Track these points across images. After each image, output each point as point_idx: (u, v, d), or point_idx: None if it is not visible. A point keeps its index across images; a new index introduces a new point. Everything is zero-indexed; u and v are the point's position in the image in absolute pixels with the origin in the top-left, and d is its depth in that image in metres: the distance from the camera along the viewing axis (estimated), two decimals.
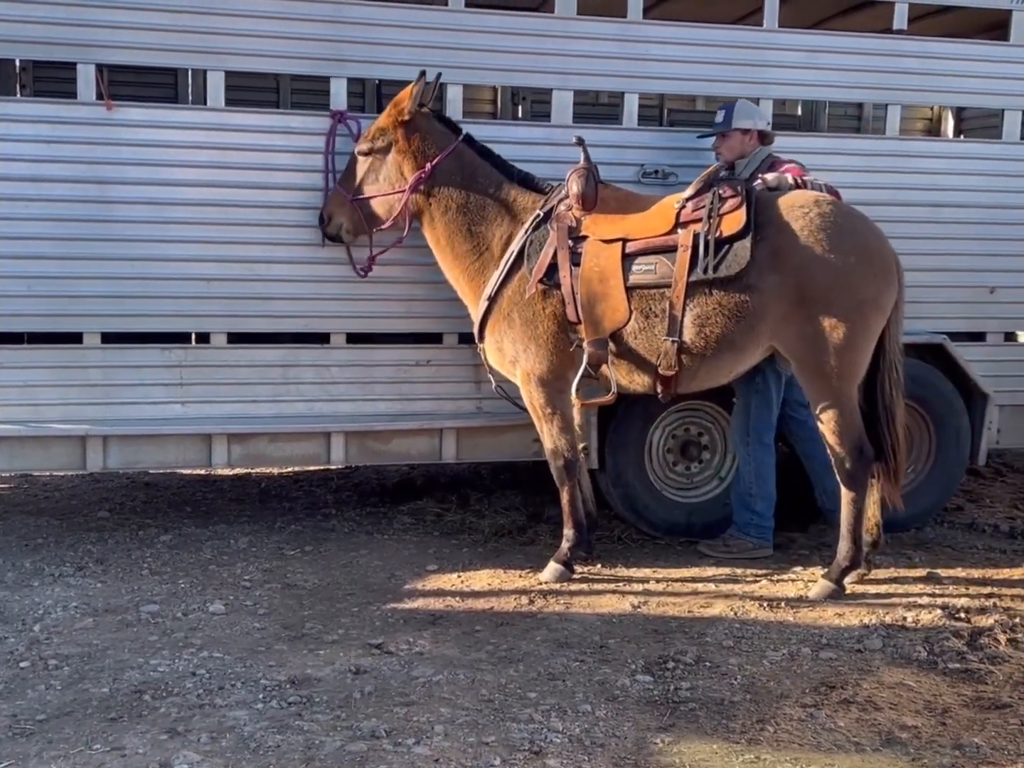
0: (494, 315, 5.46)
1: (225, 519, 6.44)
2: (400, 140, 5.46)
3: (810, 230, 5.10)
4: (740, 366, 5.36)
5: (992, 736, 3.86)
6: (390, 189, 5.53)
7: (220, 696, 4.06)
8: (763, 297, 5.11)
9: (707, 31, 6.10)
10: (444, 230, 5.54)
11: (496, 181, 5.51)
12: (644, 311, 5.23)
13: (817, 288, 5.07)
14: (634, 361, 5.32)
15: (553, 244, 5.30)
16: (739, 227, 5.09)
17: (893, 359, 5.29)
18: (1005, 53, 6.40)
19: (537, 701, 4.07)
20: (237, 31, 5.50)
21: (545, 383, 5.42)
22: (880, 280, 5.16)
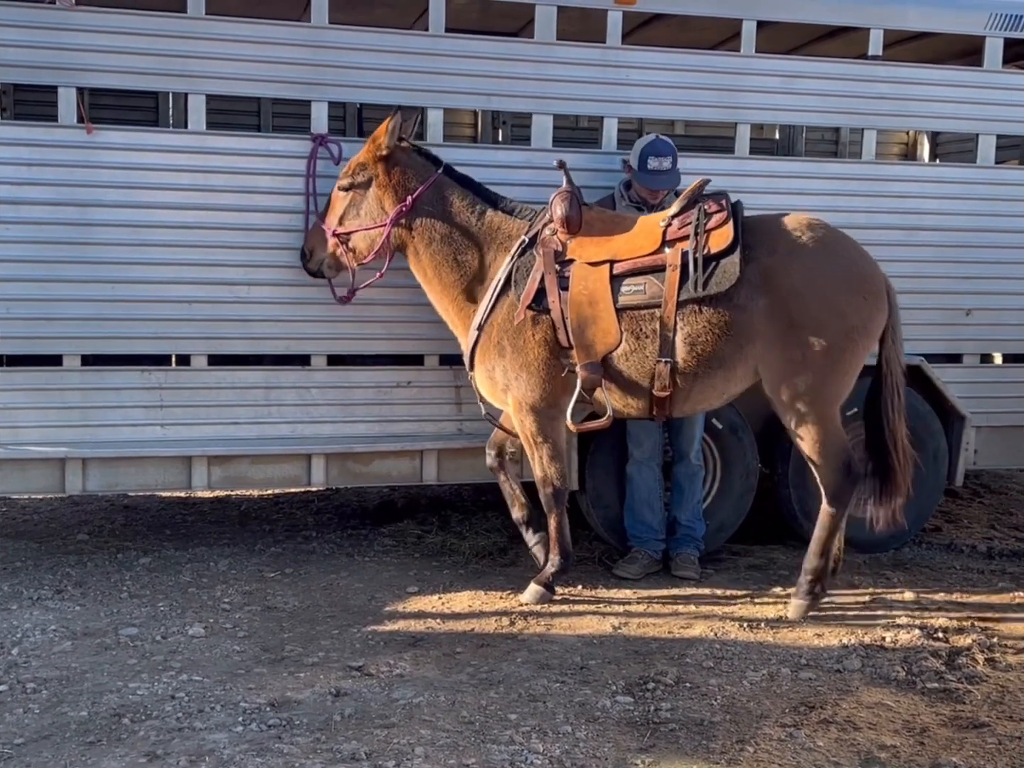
0: (483, 344, 5.41)
1: (205, 542, 6.41)
2: (380, 175, 5.45)
3: (800, 253, 5.09)
4: (732, 387, 5.29)
5: (970, 755, 3.89)
6: (371, 223, 5.50)
7: (199, 719, 4.05)
8: (752, 318, 5.08)
9: (686, 56, 6.16)
10: (430, 262, 5.51)
11: (479, 209, 5.48)
12: (635, 332, 5.19)
13: (806, 312, 5.04)
14: (627, 384, 5.26)
15: (540, 269, 5.25)
16: (727, 243, 5.06)
17: (895, 383, 5.27)
18: (979, 78, 6.47)
19: (518, 723, 4.07)
20: (217, 55, 5.52)
21: (537, 411, 5.36)
22: (870, 306, 5.14)
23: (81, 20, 5.39)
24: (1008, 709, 4.27)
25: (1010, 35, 6.44)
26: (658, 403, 5.25)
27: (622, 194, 5.81)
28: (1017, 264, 6.57)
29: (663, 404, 5.25)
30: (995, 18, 6.39)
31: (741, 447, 6.14)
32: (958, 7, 6.52)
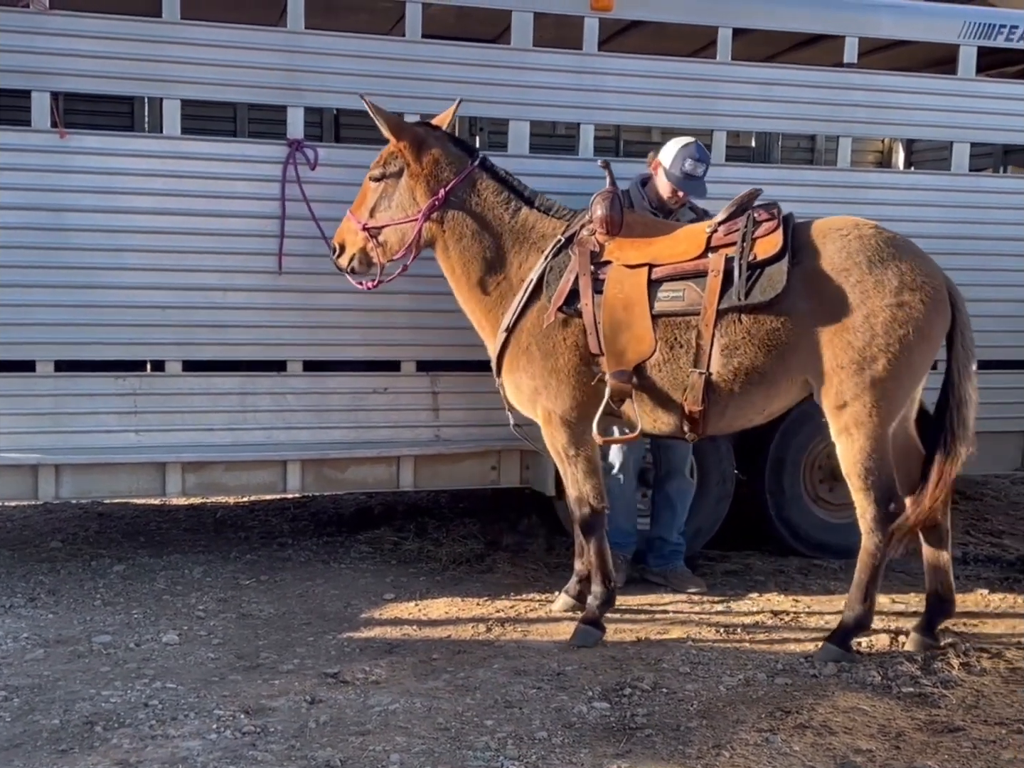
0: (512, 348, 5.14)
1: (179, 549, 6.37)
2: (412, 164, 5.18)
3: (848, 253, 4.75)
4: (774, 402, 4.98)
5: (945, 759, 3.89)
6: (403, 216, 5.23)
7: (173, 727, 4.02)
8: (796, 326, 4.76)
9: (662, 63, 6.17)
10: (459, 259, 5.26)
11: (514, 206, 5.23)
12: (669, 341, 4.90)
13: (853, 316, 4.70)
14: (659, 396, 4.96)
15: (574, 270, 5.00)
16: (775, 250, 4.78)
17: (962, 394, 4.82)
18: (953, 87, 6.52)
19: (494, 729, 4.06)
20: (193, 60, 5.49)
21: (569, 422, 5.07)
22: (928, 308, 4.72)
23: (55, 24, 5.36)
24: (983, 713, 4.28)
25: (983, 44, 6.48)
26: (691, 419, 4.93)
27: (640, 192, 5.65)
28: (992, 271, 6.60)
29: (696, 420, 4.93)
30: (969, 27, 6.43)
31: (718, 453, 6.14)
32: (932, 16, 6.58)
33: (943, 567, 4.99)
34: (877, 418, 4.72)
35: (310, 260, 5.72)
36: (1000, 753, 3.94)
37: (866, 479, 4.76)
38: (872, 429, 4.73)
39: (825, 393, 4.82)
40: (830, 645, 4.84)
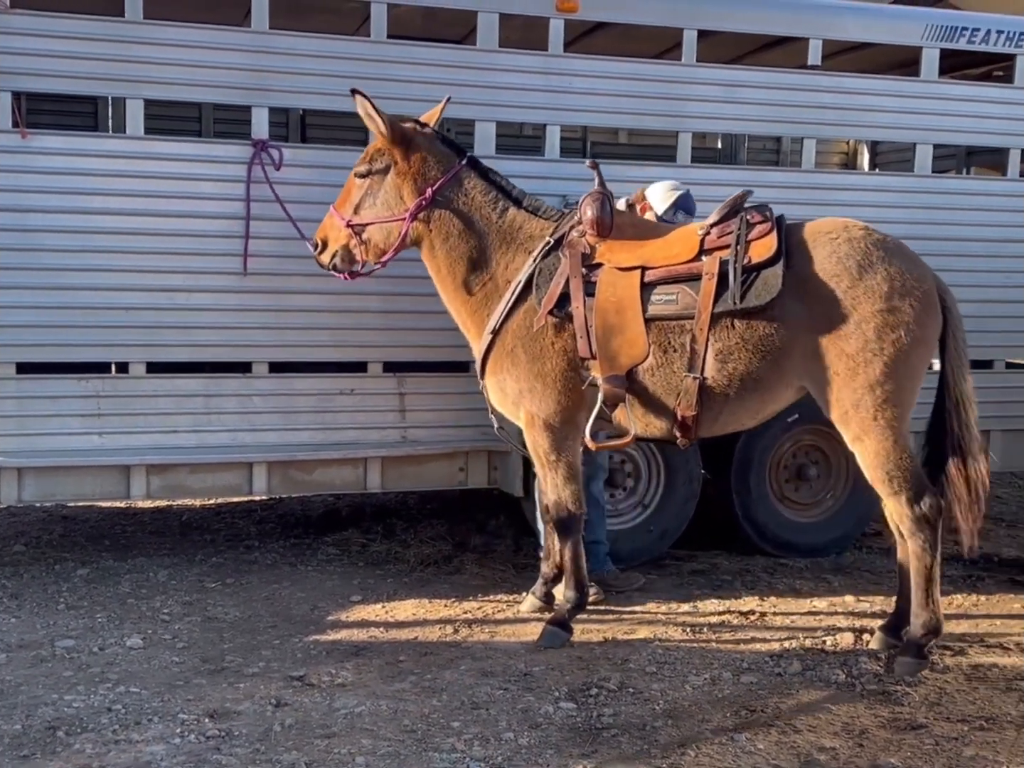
0: (497, 350, 5.07)
1: (144, 552, 6.33)
2: (400, 161, 5.11)
3: (838, 258, 4.72)
4: (767, 407, 4.97)
5: (908, 756, 3.92)
6: (389, 214, 5.16)
7: (137, 731, 3.99)
8: (789, 330, 4.73)
9: (628, 65, 6.19)
10: (445, 259, 5.19)
11: (501, 206, 5.16)
12: (663, 345, 4.85)
13: (846, 320, 4.67)
14: (651, 401, 4.92)
15: (565, 272, 4.93)
16: (769, 253, 4.73)
17: (960, 396, 4.79)
18: (916, 89, 6.57)
19: (460, 730, 4.06)
20: (157, 59, 5.46)
21: (552, 427, 5.02)
22: (918, 310, 4.69)
23: (17, 23, 5.31)
24: (945, 710, 4.32)
25: (946, 46, 6.54)
26: (683, 424, 4.91)
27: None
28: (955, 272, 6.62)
29: (689, 426, 4.90)
30: (931, 29, 6.49)
31: (684, 453, 6.16)
32: (895, 18, 6.65)
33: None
34: (884, 422, 4.67)
35: (276, 261, 5.72)
36: (962, 750, 3.97)
37: (890, 483, 4.71)
38: (881, 433, 4.68)
39: (826, 402, 4.81)
40: (906, 658, 4.72)
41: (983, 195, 6.84)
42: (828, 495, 6.56)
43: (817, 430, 6.41)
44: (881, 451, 4.70)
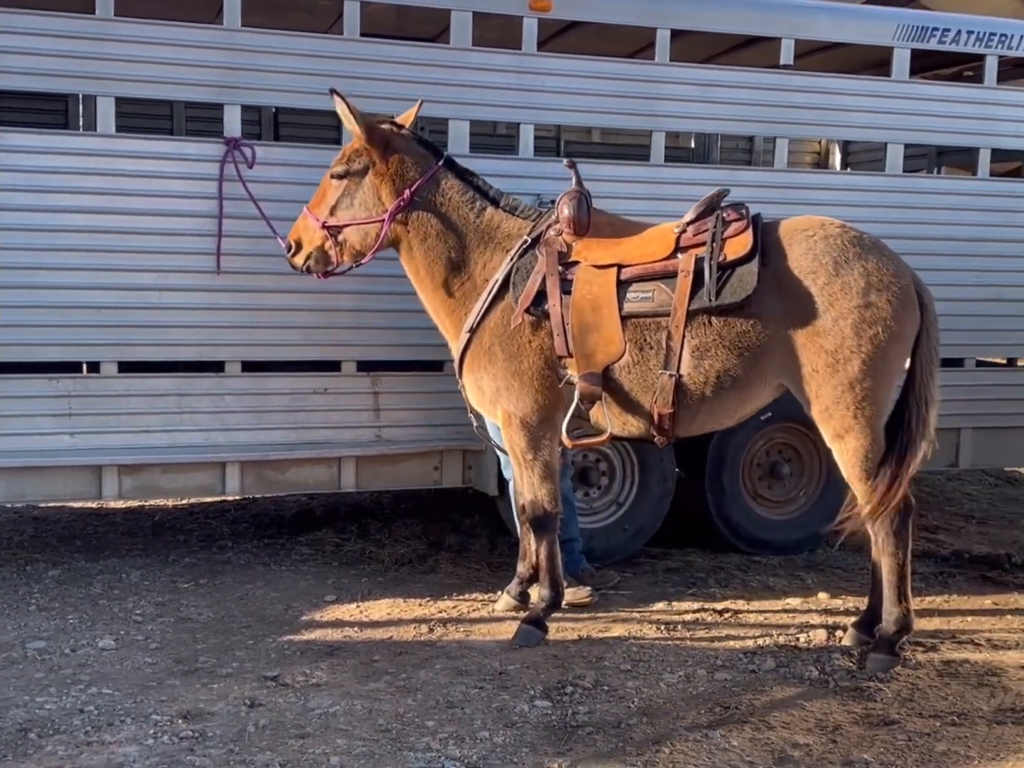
0: (474, 349, 5.09)
1: (116, 553, 6.28)
2: (378, 163, 5.10)
3: (814, 255, 4.74)
4: (746, 406, 4.99)
5: (881, 752, 3.95)
6: (367, 216, 5.15)
7: (109, 733, 3.97)
8: (767, 328, 4.75)
9: (601, 64, 6.19)
10: (423, 259, 5.19)
11: (479, 206, 5.17)
12: (639, 343, 4.87)
13: (823, 318, 4.69)
14: (627, 399, 4.93)
15: (542, 270, 4.94)
16: (745, 251, 4.75)
17: (924, 392, 4.81)
18: (887, 88, 6.60)
19: (435, 729, 4.05)
20: (128, 57, 5.42)
21: (528, 426, 5.02)
22: (895, 307, 4.71)
23: None
24: (917, 706, 4.35)
25: (917, 47, 6.58)
26: (660, 422, 4.92)
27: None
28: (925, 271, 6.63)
29: (666, 424, 4.91)
30: (902, 29, 6.53)
31: (658, 452, 6.17)
32: (867, 18, 6.68)
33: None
34: (863, 419, 4.70)
35: (249, 260, 5.69)
36: (934, 745, 4.00)
37: (868, 481, 4.74)
38: (861, 430, 4.71)
39: (806, 399, 4.82)
40: (879, 655, 4.76)
41: (954, 195, 6.88)
42: (801, 493, 6.60)
43: (790, 428, 6.46)
44: (860, 449, 4.73)
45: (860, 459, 4.74)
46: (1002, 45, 6.71)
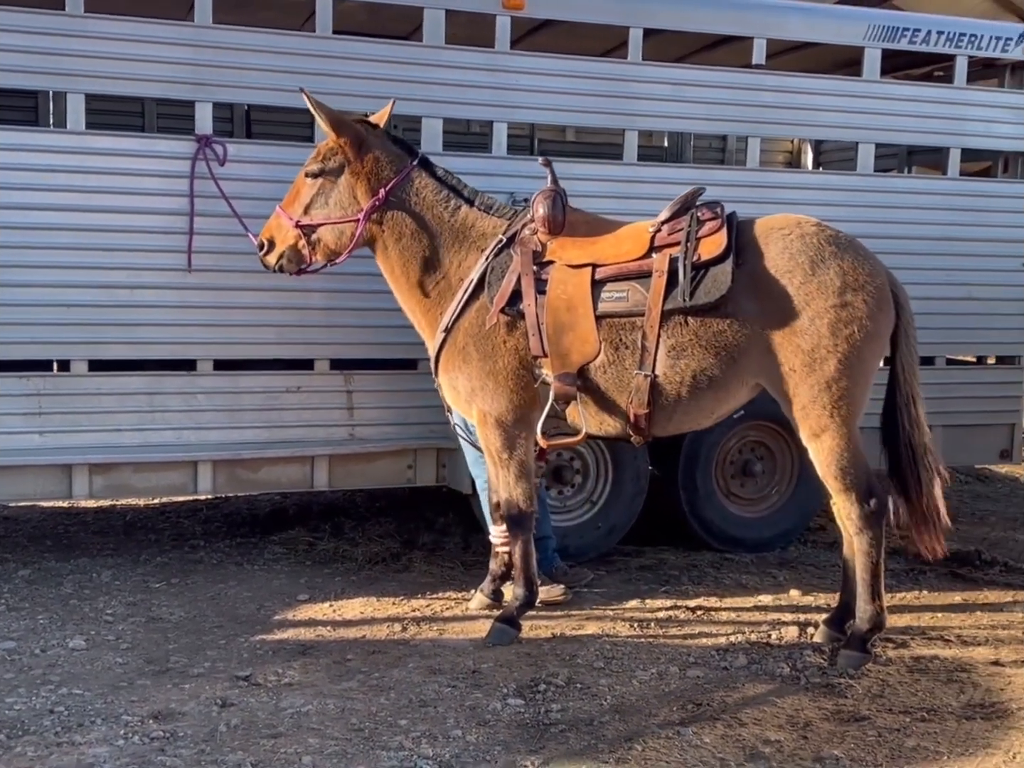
0: (449, 349, 5.07)
1: (87, 552, 6.24)
2: (354, 162, 5.07)
3: (791, 254, 4.74)
4: (723, 406, 4.98)
5: (851, 748, 3.97)
6: (342, 215, 5.12)
7: (79, 733, 3.94)
8: (743, 327, 4.74)
9: (574, 63, 6.19)
10: (398, 258, 5.16)
11: (454, 205, 5.15)
12: (614, 343, 4.86)
13: (799, 317, 4.69)
14: (603, 399, 4.92)
15: (516, 270, 4.92)
16: (719, 250, 4.74)
17: (910, 392, 4.87)
18: (859, 88, 6.65)
19: (408, 728, 4.05)
20: (98, 53, 5.39)
21: (504, 425, 5.01)
22: (871, 306, 4.73)
23: None
24: (888, 702, 4.38)
25: (888, 46, 6.63)
26: (636, 422, 4.92)
27: None
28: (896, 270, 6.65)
29: (642, 424, 4.91)
30: (873, 29, 6.57)
31: (632, 450, 6.18)
32: (838, 18, 6.72)
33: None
34: (839, 418, 4.70)
35: (221, 257, 5.66)
36: (904, 741, 4.03)
37: (843, 480, 4.75)
38: (837, 430, 4.71)
39: (783, 399, 4.83)
40: (850, 652, 4.76)
41: (924, 194, 6.94)
42: (773, 490, 6.64)
43: (762, 426, 6.50)
44: (836, 448, 4.73)
45: (836, 458, 4.74)
46: (972, 45, 6.76)
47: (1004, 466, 8.78)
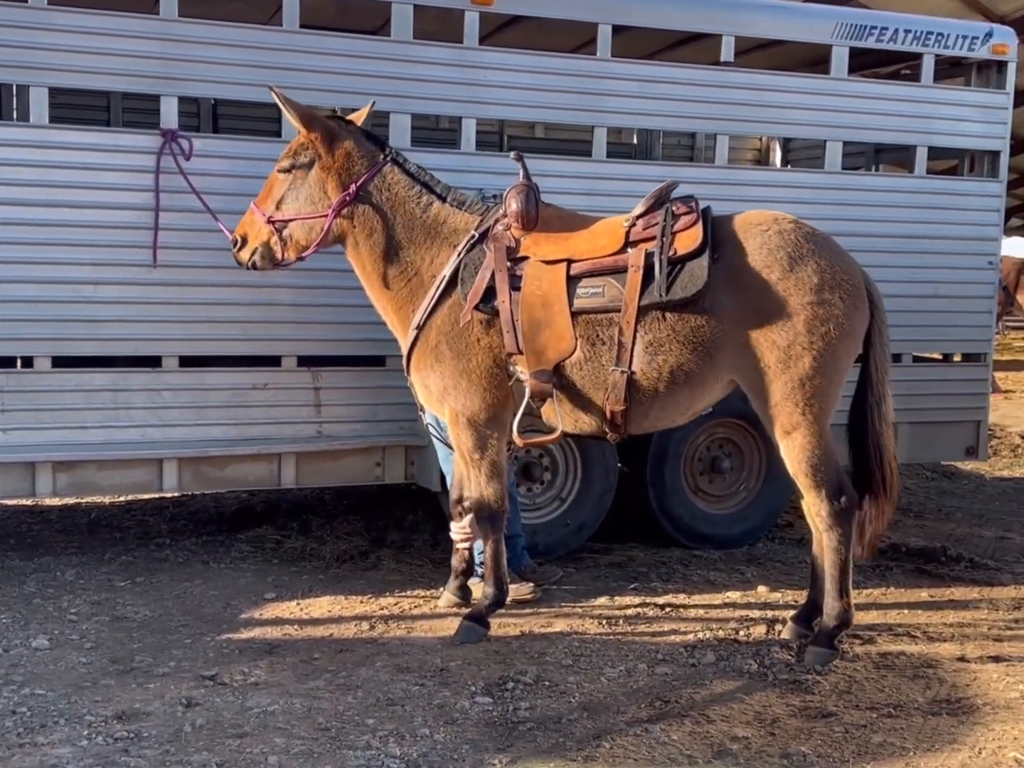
0: (420, 347, 5.02)
1: (51, 551, 6.18)
2: (324, 156, 5.03)
3: (769, 250, 4.72)
4: (698, 402, 4.95)
5: (818, 744, 3.98)
6: (312, 211, 5.08)
7: (42, 734, 3.90)
8: (720, 323, 4.71)
9: (543, 59, 6.18)
10: (369, 254, 5.11)
11: (426, 201, 5.10)
12: (591, 339, 4.81)
13: (776, 314, 4.67)
14: (580, 396, 4.88)
15: (490, 266, 4.88)
16: (695, 245, 4.71)
17: (881, 391, 4.88)
18: (826, 86, 6.67)
19: (375, 727, 4.02)
20: (61, 46, 5.33)
21: (476, 424, 4.97)
22: (847, 304, 4.72)
23: None
24: (855, 698, 4.39)
25: (855, 44, 6.66)
26: (612, 419, 4.88)
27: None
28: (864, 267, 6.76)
29: (618, 421, 4.88)
30: (841, 27, 6.59)
31: (601, 447, 6.18)
32: (806, 16, 6.74)
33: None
34: (812, 416, 4.70)
35: (186, 253, 5.62)
36: (871, 737, 4.04)
37: (814, 477, 4.74)
38: (809, 427, 4.70)
39: (756, 395, 4.82)
40: (817, 648, 4.77)
41: (891, 192, 6.97)
42: (741, 487, 6.66)
43: (730, 423, 6.52)
44: (807, 445, 4.72)
45: (807, 456, 4.73)
46: (939, 44, 6.80)
47: (970, 463, 8.85)
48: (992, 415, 8.32)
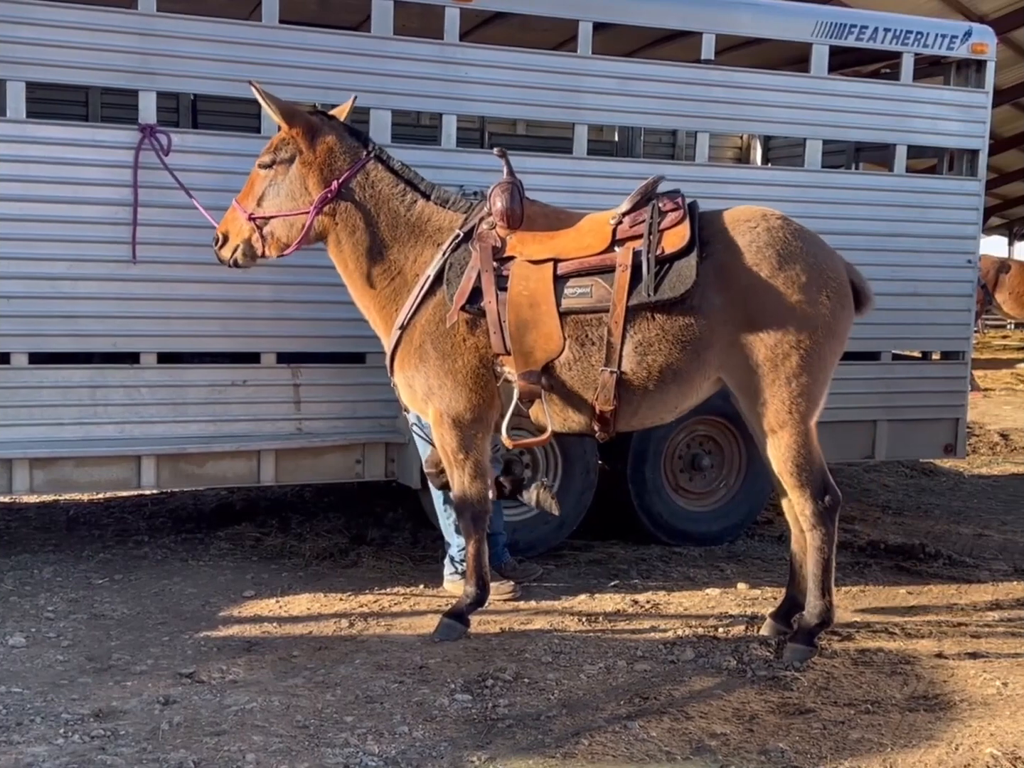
0: (404, 347, 4.97)
1: (29, 548, 6.14)
2: (306, 151, 4.97)
3: (758, 247, 4.69)
4: (687, 400, 4.92)
5: (796, 740, 3.99)
6: (293, 207, 5.01)
7: (18, 732, 3.87)
8: (709, 321, 4.68)
9: (524, 56, 6.17)
10: (351, 253, 5.05)
11: (409, 199, 5.04)
12: (579, 339, 4.77)
13: (764, 312, 4.66)
14: (568, 396, 4.84)
15: (476, 266, 4.82)
16: (683, 243, 4.67)
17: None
18: (806, 84, 6.69)
19: (354, 725, 4.01)
20: (38, 41, 5.29)
21: (460, 425, 4.93)
22: (834, 303, 4.72)
23: None
24: (833, 695, 4.41)
25: (835, 43, 6.68)
26: (601, 418, 4.84)
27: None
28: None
29: (607, 420, 4.84)
30: (821, 26, 6.61)
31: (581, 444, 6.19)
32: (786, 14, 6.75)
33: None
34: (798, 415, 4.68)
35: (165, 248, 5.59)
36: (849, 733, 4.06)
37: (798, 476, 4.73)
38: (795, 426, 4.70)
39: (743, 393, 4.81)
40: (797, 645, 4.76)
41: (871, 190, 6.99)
42: (721, 485, 6.67)
43: (711, 421, 6.52)
44: (793, 444, 4.72)
45: (792, 455, 4.72)
46: (918, 43, 6.83)
47: (948, 460, 8.90)
48: (971, 413, 8.41)
